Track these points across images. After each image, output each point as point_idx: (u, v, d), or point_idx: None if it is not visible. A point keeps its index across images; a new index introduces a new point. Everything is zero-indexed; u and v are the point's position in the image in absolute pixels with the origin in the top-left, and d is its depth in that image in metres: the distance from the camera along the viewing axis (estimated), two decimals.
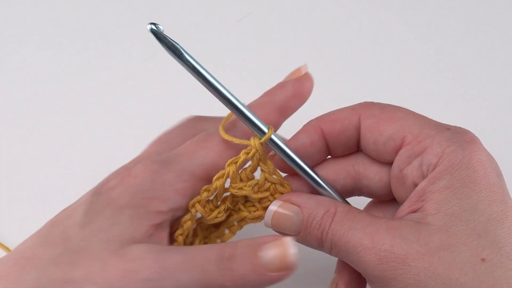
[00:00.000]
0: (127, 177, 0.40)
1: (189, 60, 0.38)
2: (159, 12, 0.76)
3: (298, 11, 0.77)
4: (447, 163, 0.37)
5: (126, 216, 0.38)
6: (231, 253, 0.37)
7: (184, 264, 0.36)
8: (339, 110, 0.42)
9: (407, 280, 0.35)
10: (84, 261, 0.35)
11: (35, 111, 0.67)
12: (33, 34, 0.74)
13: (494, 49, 0.73)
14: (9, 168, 0.63)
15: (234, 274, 0.37)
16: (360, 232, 0.37)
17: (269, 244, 0.37)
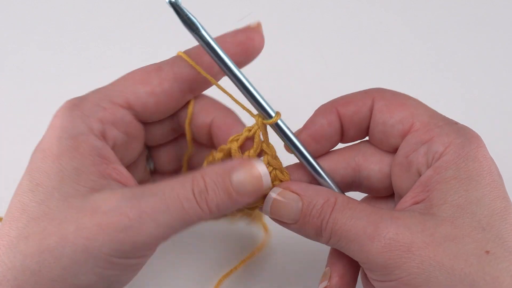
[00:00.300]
0: (50, 124, 0.39)
1: (204, 36, 0.38)
2: (159, 12, 0.76)
3: (298, 11, 0.77)
4: (454, 153, 0.38)
5: (69, 164, 0.37)
6: (204, 185, 0.37)
7: (161, 205, 0.36)
8: (353, 93, 0.43)
9: (411, 269, 0.35)
10: (52, 226, 0.35)
11: (35, 111, 0.67)
12: (33, 34, 0.74)
13: (494, 49, 0.73)
14: (9, 168, 0.63)
15: (210, 205, 0.37)
16: (363, 221, 0.37)
17: (238, 169, 0.38)
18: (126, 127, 0.41)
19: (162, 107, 0.42)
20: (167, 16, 0.75)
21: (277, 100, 0.42)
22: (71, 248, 0.34)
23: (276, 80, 0.46)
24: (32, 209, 0.36)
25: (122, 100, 0.41)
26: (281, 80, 0.68)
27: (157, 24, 0.75)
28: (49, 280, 0.34)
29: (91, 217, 0.35)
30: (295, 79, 0.70)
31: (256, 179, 0.38)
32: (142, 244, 0.35)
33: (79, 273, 0.34)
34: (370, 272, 0.37)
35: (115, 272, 0.35)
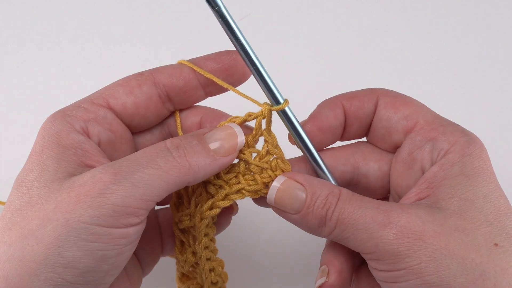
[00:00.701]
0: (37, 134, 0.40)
1: (222, 11, 0.38)
2: (159, 12, 0.76)
3: (298, 11, 0.77)
4: (460, 151, 0.39)
5: (49, 156, 0.37)
6: (179, 142, 0.37)
7: (135, 166, 0.35)
8: (358, 90, 0.44)
9: (423, 257, 0.35)
10: (33, 211, 0.35)
11: (35, 111, 0.67)
12: (33, 34, 0.74)
13: (494, 49, 0.73)
14: (9, 168, 0.63)
15: (190, 160, 0.37)
16: (372, 210, 0.37)
17: (211, 129, 0.39)
18: (110, 125, 0.41)
19: (142, 110, 0.42)
20: (167, 16, 0.76)
21: None
22: (52, 225, 0.34)
23: (276, 80, 0.46)
24: (15, 203, 0.36)
25: (102, 100, 0.41)
26: (281, 80, 0.68)
27: (157, 24, 0.75)
28: (33, 263, 0.33)
29: (69, 192, 0.35)
30: (295, 79, 0.70)
31: (230, 134, 0.39)
32: (121, 205, 0.34)
33: (62, 250, 0.33)
34: (376, 262, 0.37)
35: (100, 245, 0.34)
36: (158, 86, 0.42)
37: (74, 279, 0.34)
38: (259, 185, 0.41)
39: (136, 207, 0.35)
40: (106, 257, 0.35)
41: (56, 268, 0.34)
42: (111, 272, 0.36)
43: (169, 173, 0.36)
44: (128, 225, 0.35)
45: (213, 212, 0.41)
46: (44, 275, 0.34)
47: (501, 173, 0.62)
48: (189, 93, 0.43)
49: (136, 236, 0.37)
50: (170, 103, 0.43)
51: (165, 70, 0.43)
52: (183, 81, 0.42)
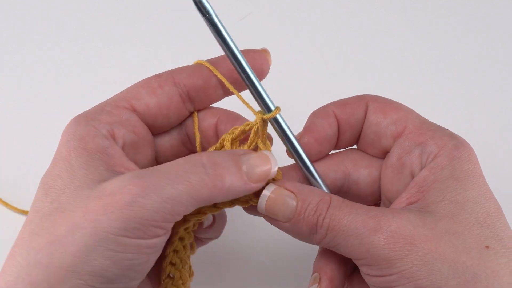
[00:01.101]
0: (60, 139, 0.40)
1: (213, 19, 0.38)
2: (159, 12, 0.77)
3: (298, 11, 0.77)
4: (448, 154, 0.39)
5: (77, 161, 0.37)
6: (215, 161, 0.37)
7: (165, 180, 0.35)
8: (347, 98, 0.44)
9: (414, 261, 0.35)
10: (62, 217, 0.35)
11: (35, 111, 0.67)
12: (33, 34, 0.74)
13: (494, 49, 0.73)
14: (9, 168, 0.63)
15: (225, 182, 0.36)
16: (362, 216, 0.37)
17: (247, 152, 0.39)
18: (133, 127, 0.41)
19: (164, 110, 0.42)
20: (167, 16, 0.76)
21: (277, 100, 0.42)
22: (80, 233, 0.34)
23: (276, 80, 0.46)
24: (44, 209, 0.36)
25: (126, 103, 0.41)
26: (280, 80, 0.68)
27: (157, 24, 0.75)
28: (61, 269, 0.33)
29: (98, 200, 0.34)
30: (295, 79, 0.70)
31: (264, 162, 0.39)
32: (149, 219, 0.34)
33: (90, 258, 0.33)
34: (368, 267, 0.37)
35: (127, 255, 0.34)
36: (178, 86, 0.42)
37: (101, 286, 0.34)
38: (249, 194, 0.41)
39: (163, 221, 0.35)
40: (133, 265, 0.35)
41: (83, 275, 0.34)
42: (137, 277, 0.37)
43: (200, 191, 0.36)
44: (154, 237, 0.35)
45: (199, 217, 0.41)
46: (72, 281, 0.34)
47: (501, 173, 0.62)
48: (208, 92, 0.43)
49: (162, 244, 0.37)
50: (190, 103, 0.43)
51: (184, 70, 0.43)
52: (203, 80, 0.43)
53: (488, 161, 0.65)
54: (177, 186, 0.35)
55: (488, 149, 0.66)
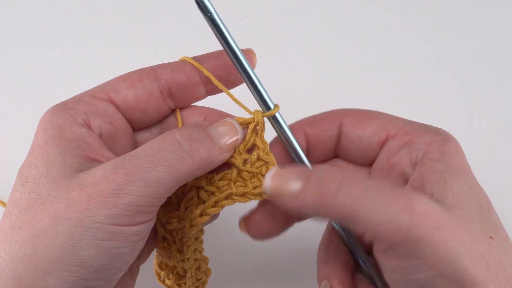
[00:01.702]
0: (36, 127, 0.40)
1: (214, 18, 0.38)
2: (159, 12, 0.76)
3: (298, 11, 0.77)
4: (438, 150, 0.39)
5: (54, 151, 0.37)
6: (190, 135, 0.37)
7: (146, 164, 0.35)
8: (319, 114, 0.44)
9: (440, 248, 0.34)
10: (43, 209, 0.35)
11: (35, 111, 0.67)
12: (33, 34, 0.74)
13: (494, 49, 0.73)
14: (9, 168, 0.63)
15: (202, 154, 0.37)
16: (390, 192, 0.35)
17: (211, 123, 0.39)
18: (111, 118, 0.41)
19: (143, 104, 0.42)
20: (167, 16, 0.76)
21: (276, 100, 0.42)
22: (65, 225, 0.34)
23: (276, 80, 0.46)
24: (22, 200, 0.36)
25: (103, 94, 0.41)
26: (280, 80, 0.68)
27: (157, 24, 0.75)
28: (47, 262, 0.33)
29: (80, 191, 0.34)
30: (295, 79, 0.70)
31: (232, 130, 0.39)
32: (136, 204, 0.34)
33: (77, 249, 0.33)
34: (390, 248, 0.35)
35: (114, 243, 0.35)
36: (159, 81, 0.42)
37: (88, 277, 0.34)
38: (248, 187, 0.41)
39: (149, 205, 0.35)
40: (119, 254, 0.35)
41: (70, 266, 0.34)
42: (122, 267, 0.37)
43: (181, 169, 0.36)
44: (140, 223, 0.36)
45: (203, 219, 0.41)
46: (59, 273, 0.34)
47: (501, 171, 0.62)
48: (190, 89, 0.43)
49: (148, 231, 0.37)
50: (171, 99, 0.43)
51: (167, 65, 0.43)
52: (185, 76, 0.42)
53: (488, 161, 0.65)
54: (159, 168, 0.35)
55: (488, 149, 0.66)
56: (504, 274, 0.35)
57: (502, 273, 0.35)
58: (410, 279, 0.35)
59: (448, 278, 0.34)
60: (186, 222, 0.41)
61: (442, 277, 0.34)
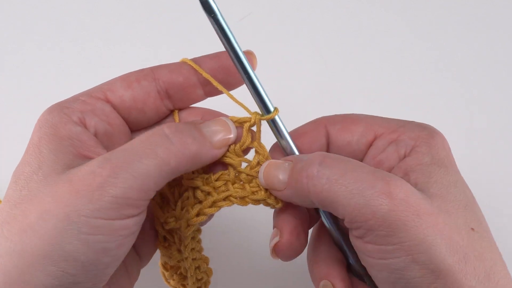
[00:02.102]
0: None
1: (218, 18, 0.38)
2: (159, 12, 0.76)
3: (298, 11, 0.77)
4: (425, 144, 0.39)
5: (46, 148, 0.37)
6: (178, 128, 0.37)
7: (132, 156, 0.35)
8: (305, 125, 0.44)
9: (417, 234, 0.34)
10: (32, 205, 0.35)
11: (35, 111, 0.67)
12: (33, 34, 0.74)
13: (494, 49, 0.73)
14: (9, 169, 0.63)
15: (191, 147, 0.36)
16: (369, 175, 0.36)
17: (204, 121, 0.39)
18: (107, 117, 0.41)
19: (140, 104, 0.42)
20: (167, 16, 0.76)
21: (276, 100, 0.42)
22: (52, 219, 0.34)
23: (275, 80, 0.46)
24: (14, 197, 0.36)
25: (100, 93, 0.41)
26: (280, 80, 0.68)
27: (157, 24, 0.75)
28: (34, 256, 0.33)
29: (68, 186, 0.35)
30: (295, 79, 0.70)
31: (225, 127, 0.39)
32: (122, 197, 0.34)
33: (64, 243, 0.33)
34: (367, 232, 0.36)
35: (101, 237, 0.34)
36: (157, 82, 0.42)
37: (76, 271, 0.34)
38: (247, 191, 0.41)
39: (136, 199, 0.35)
40: (107, 249, 0.35)
41: (57, 261, 0.34)
42: (112, 263, 0.36)
43: (168, 161, 0.36)
44: (128, 216, 0.35)
45: (200, 219, 0.41)
46: (46, 268, 0.33)
47: (501, 171, 0.62)
48: (188, 91, 0.43)
49: (137, 227, 0.37)
50: (169, 100, 0.43)
51: (165, 66, 0.43)
52: (183, 77, 0.42)
53: (488, 161, 0.65)
54: (145, 160, 0.35)
55: (488, 148, 0.66)
56: (483, 266, 0.35)
57: (481, 266, 0.35)
58: (386, 264, 0.35)
59: (423, 265, 0.34)
60: (182, 222, 0.41)
61: (417, 263, 0.34)
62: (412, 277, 0.35)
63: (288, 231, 0.40)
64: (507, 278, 0.36)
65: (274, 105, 0.41)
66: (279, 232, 0.41)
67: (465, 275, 0.34)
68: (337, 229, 0.42)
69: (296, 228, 0.41)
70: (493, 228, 0.39)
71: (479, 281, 0.35)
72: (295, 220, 0.41)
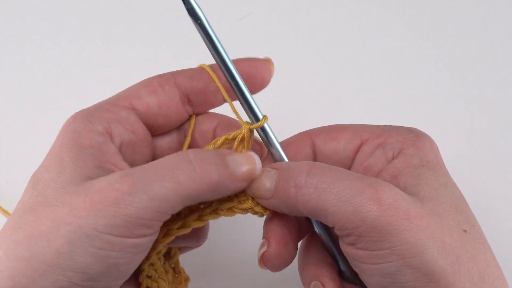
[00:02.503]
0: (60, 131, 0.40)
1: (204, 25, 0.39)
2: (159, 12, 0.77)
3: (298, 11, 0.77)
4: (412, 146, 0.39)
5: (67, 155, 0.37)
6: (202, 156, 0.36)
7: (153, 177, 0.35)
8: (290, 137, 0.44)
9: (408, 238, 0.34)
10: (47, 212, 0.35)
11: (35, 111, 0.67)
12: (33, 34, 0.74)
13: (493, 49, 0.73)
14: (9, 168, 0.63)
15: (213, 177, 0.36)
16: (356, 182, 0.36)
17: (232, 152, 0.39)
18: (132, 126, 0.41)
19: (165, 109, 0.42)
20: (167, 16, 0.76)
21: (276, 100, 0.42)
22: (65, 229, 0.33)
23: (275, 80, 0.46)
24: (29, 202, 0.36)
25: (126, 102, 0.41)
26: (280, 80, 0.68)
27: (157, 24, 0.75)
28: (43, 264, 0.33)
29: (85, 197, 0.34)
30: (294, 79, 0.70)
31: (250, 159, 0.39)
32: (136, 218, 0.34)
33: (74, 254, 0.33)
34: (357, 239, 0.36)
35: (111, 253, 0.34)
36: (179, 87, 0.42)
37: (83, 283, 0.34)
38: (234, 202, 0.41)
39: (150, 219, 0.35)
40: (117, 264, 0.35)
41: (66, 271, 0.33)
42: (120, 277, 0.36)
43: (188, 188, 0.35)
44: (140, 236, 0.35)
45: (182, 231, 0.40)
46: (53, 277, 0.33)
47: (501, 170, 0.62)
48: (208, 96, 0.43)
49: (148, 245, 0.37)
50: (190, 105, 0.43)
51: (185, 72, 0.43)
52: (203, 83, 0.43)
53: (488, 161, 0.65)
54: (165, 183, 0.35)
55: (488, 148, 0.66)
56: (477, 268, 0.35)
57: (475, 267, 0.35)
58: (378, 269, 0.35)
59: (416, 269, 0.34)
60: (162, 228, 0.39)
61: (410, 267, 0.34)
62: (405, 281, 0.35)
63: (275, 240, 0.40)
64: (502, 279, 0.36)
65: (275, 107, 0.41)
66: (267, 241, 0.41)
67: (458, 278, 0.34)
68: (328, 235, 0.42)
69: (284, 238, 0.40)
70: (493, 228, 0.39)
71: (473, 283, 0.34)
72: (283, 229, 0.41)
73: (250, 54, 0.72)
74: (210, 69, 0.43)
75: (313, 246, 0.43)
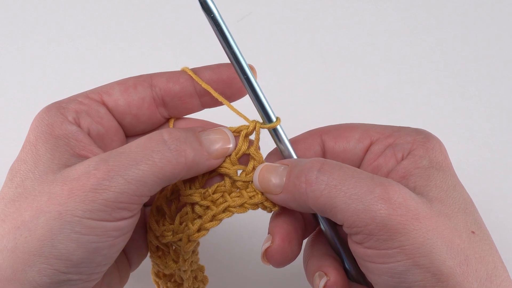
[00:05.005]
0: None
1: (217, 19, 0.38)
2: (159, 12, 0.77)
3: (298, 11, 0.77)
4: (422, 147, 0.39)
5: (43, 147, 0.37)
6: (178, 135, 0.37)
7: (129, 161, 0.35)
8: (300, 134, 0.44)
9: (417, 237, 0.34)
10: (26, 203, 0.35)
11: (35, 111, 0.67)
12: (33, 34, 0.74)
13: (494, 49, 0.73)
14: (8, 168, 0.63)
15: (185, 158, 0.36)
16: (367, 181, 0.36)
17: (204, 129, 0.39)
18: (101, 119, 0.42)
19: (134, 109, 0.42)
20: (167, 16, 0.76)
21: (276, 100, 0.42)
22: (45, 217, 0.34)
23: (275, 80, 0.46)
24: (9, 194, 0.37)
25: (96, 95, 0.42)
26: (280, 80, 0.68)
27: (157, 24, 0.75)
28: (26, 254, 0.34)
29: (62, 185, 0.35)
30: (294, 79, 0.70)
31: (224, 138, 0.39)
32: (114, 201, 0.35)
33: (56, 242, 0.34)
34: (366, 237, 0.36)
35: (92, 238, 0.35)
36: (154, 89, 0.43)
37: (68, 270, 0.35)
38: (245, 197, 0.41)
39: (129, 203, 0.35)
40: (99, 249, 0.36)
41: (49, 259, 0.34)
42: (103, 262, 0.37)
43: (163, 169, 0.36)
44: (120, 219, 0.36)
45: (202, 234, 0.41)
46: (38, 266, 0.34)
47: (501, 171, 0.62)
48: (184, 100, 0.43)
49: (129, 228, 0.37)
50: (165, 108, 0.44)
51: (163, 74, 0.43)
52: (179, 86, 0.43)
53: (488, 161, 0.65)
54: (141, 166, 0.35)
55: (488, 148, 0.66)
56: (484, 269, 0.35)
57: (483, 268, 0.35)
58: (386, 268, 0.35)
59: (424, 268, 0.34)
60: (183, 237, 0.41)
61: (418, 267, 0.34)
62: (413, 280, 0.35)
63: (280, 236, 0.40)
64: (508, 281, 0.36)
65: (275, 107, 0.41)
66: (271, 237, 0.41)
67: (466, 278, 0.34)
68: (334, 233, 0.42)
69: (289, 235, 0.41)
70: (494, 229, 0.39)
71: (481, 283, 0.35)
72: (289, 226, 0.41)
73: (250, 54, 0.72)
74: (192, 72, 0.43)
75: (318, 242, 0.43)
